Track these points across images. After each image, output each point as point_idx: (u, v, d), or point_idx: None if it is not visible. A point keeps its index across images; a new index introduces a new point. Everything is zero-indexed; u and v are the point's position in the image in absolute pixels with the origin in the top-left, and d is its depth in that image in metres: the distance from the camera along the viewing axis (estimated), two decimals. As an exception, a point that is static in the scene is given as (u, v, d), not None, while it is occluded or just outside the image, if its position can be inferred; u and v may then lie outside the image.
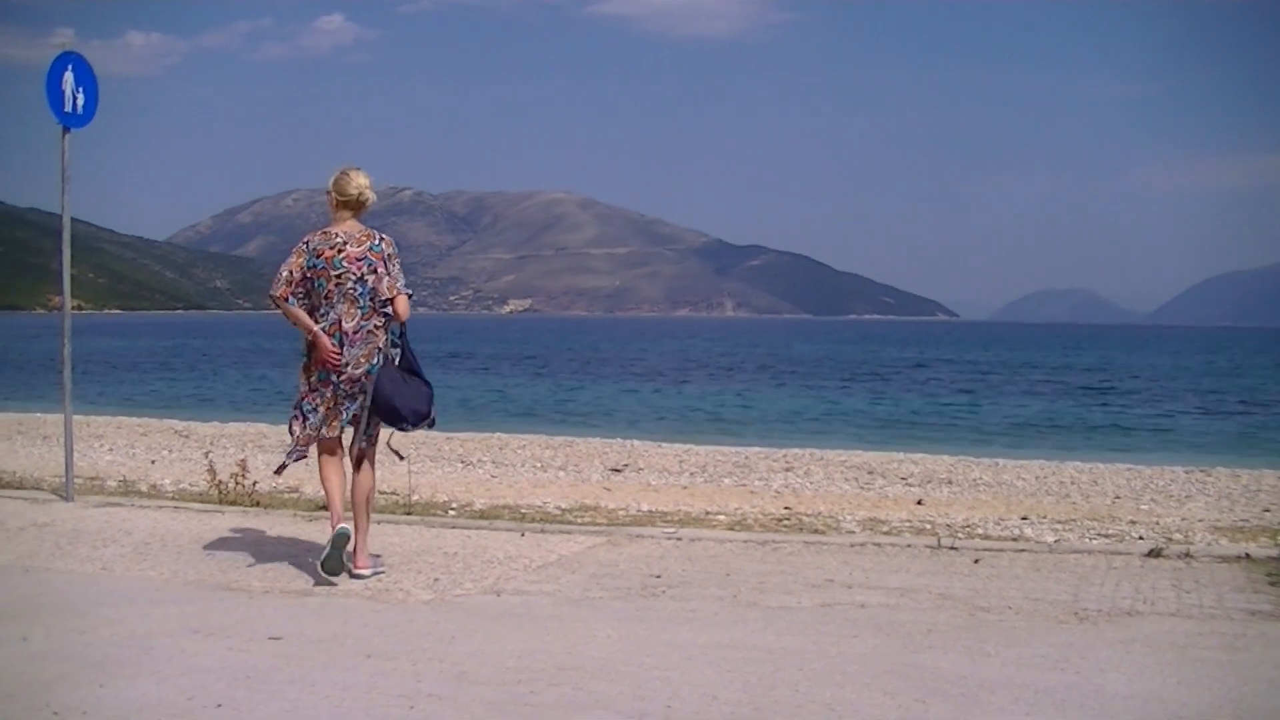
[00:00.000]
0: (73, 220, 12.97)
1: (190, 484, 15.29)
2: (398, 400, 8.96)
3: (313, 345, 8.97)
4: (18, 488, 14.16)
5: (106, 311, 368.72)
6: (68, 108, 12.71)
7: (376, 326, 9.01)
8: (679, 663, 6.79)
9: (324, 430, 9.08)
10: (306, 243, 9.09)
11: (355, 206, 9.21)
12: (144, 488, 14.98)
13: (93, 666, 6.69)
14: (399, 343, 9.10)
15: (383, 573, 9.12)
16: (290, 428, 9.24)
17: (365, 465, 9.21)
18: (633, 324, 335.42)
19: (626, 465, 20.70)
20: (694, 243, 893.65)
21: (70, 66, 12.77)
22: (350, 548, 8.94)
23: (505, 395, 49.16)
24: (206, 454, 12.82)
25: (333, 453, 9.23)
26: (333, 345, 8.88)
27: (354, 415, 9.09)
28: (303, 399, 9.12)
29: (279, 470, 9.58)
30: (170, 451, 21.87)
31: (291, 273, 8.95)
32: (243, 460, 12.03)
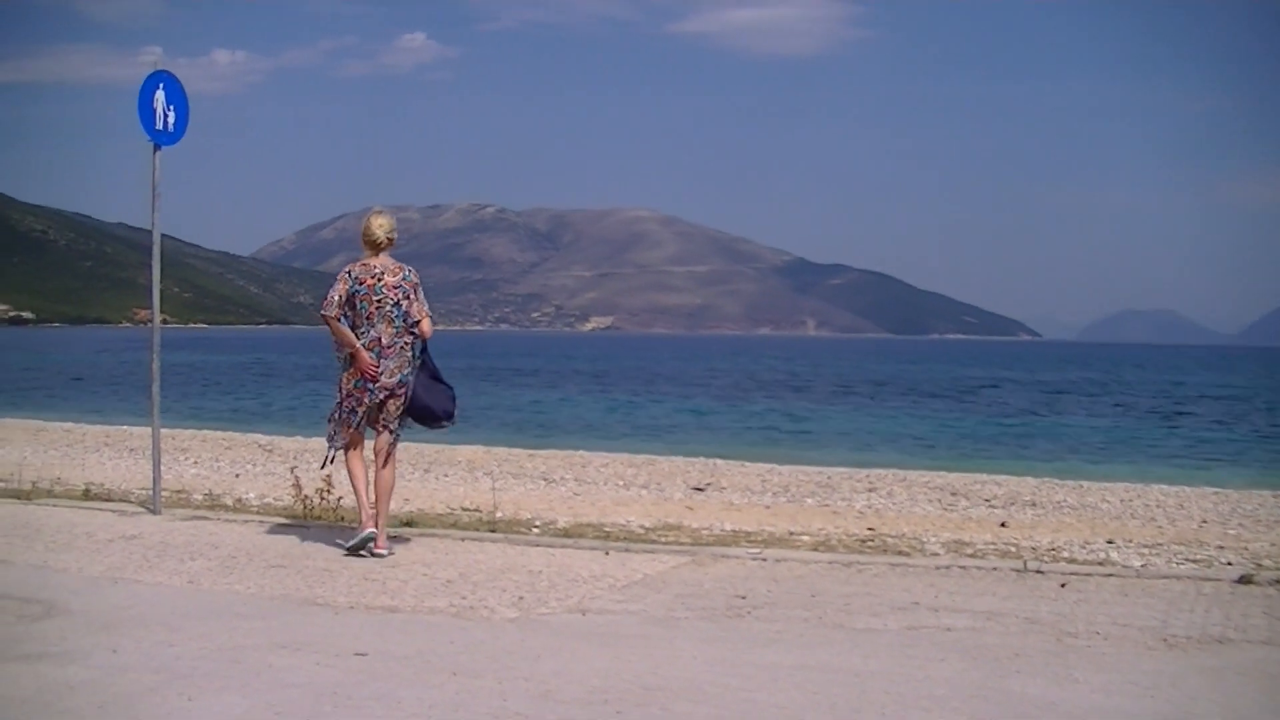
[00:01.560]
0: (161, 236, 13.09)
1: (275, 498, 15.36)
2: (432, 402, 10.82)
3: (353, 358, 10.65)
4: (106, 500, 14.29)
5: (192, 325, 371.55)
6: (159, 125, 12.84)
7: (407, 343, 10.79)
8: (765, 684, 6.77)
9: (361, 430, 10.81)
10: (349, 272, 10.80)
11: (382, 245, 10.93)
12: (229, 502, 15.06)
13: (181, 679, 6.74)
14: (423, 356, 10.87)
15: (394, 553, 10.63)
16: (329, 426, 10.95)
17: (390, 462, 10.84)
18: (714, 342, 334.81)
19: (709, 484, 20.64)
20: (775, 261, 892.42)
21: (161, 85, 12.91)
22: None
23: (583, 412, 49.16)
24: (292, 469, 12.88)
25: (358, 449, 10.88)
26: (371, 359, 10.61)
27: (383, 416, 10.79)
28: (341, 402, 10.82)
29: (324, 465, 11.46)
30: (254, 466, 21.98)
31: (339, 296, 10.67)
32: (328, 476, 12.06)
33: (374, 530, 10.55)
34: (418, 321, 10.82)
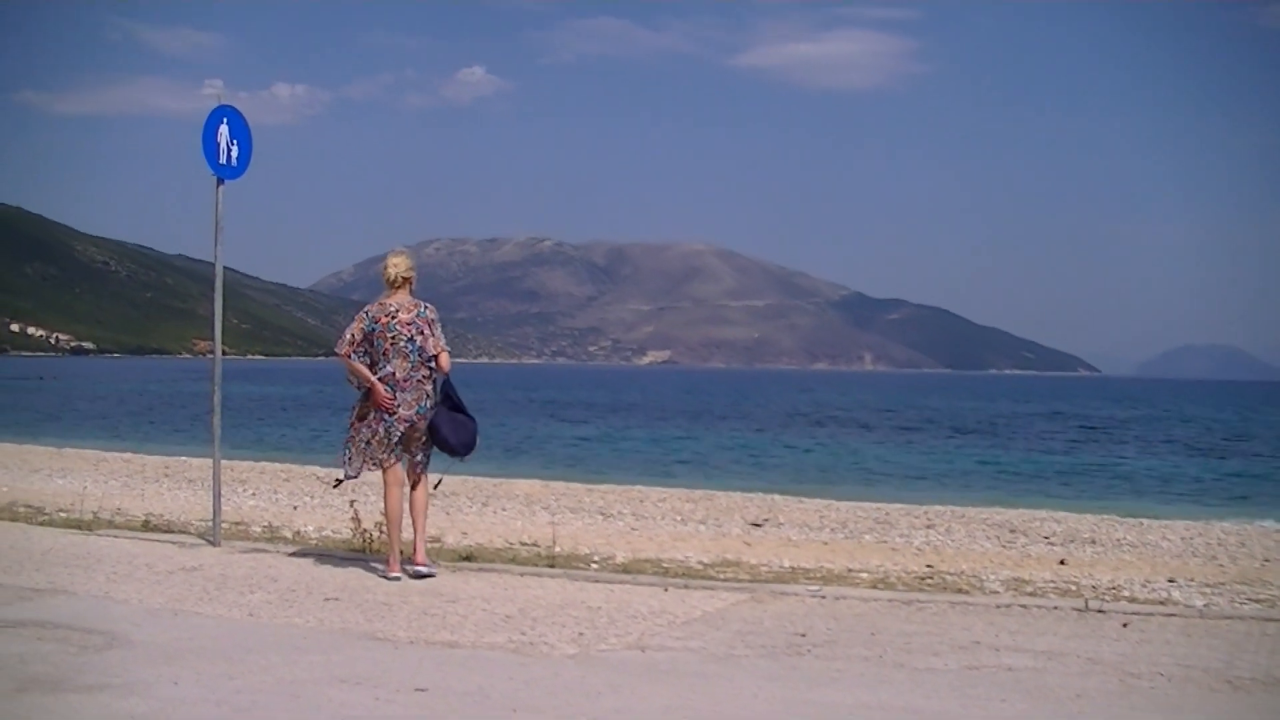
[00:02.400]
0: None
1: (333, 531, 15.41)
2: (450, 435, 11.22)
3: (370, 392, 11.16)
4: (166, 531, 14.37)
5: (249, 357, 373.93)
6: (222, 159, 12.93)
7: (424, 377, 11.26)
8: (826, 723, 6.74)
9: (385, 460, 11.28)
10: (366, 312, 11.40)
11: (397, 284, 11.42)
12: (288, 534, 15.11)
13: (242, 713, 6.76)
14: (446, 388, 11.31)
15: (435, 573, 11.27)
16: (344, 454, 11.52)
17: (421, 485, 11.39)
18: (771, 376, 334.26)
19: (767, 520, 20.60)
20: (833, 295, 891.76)
21: (225, 119, 13.01)
22: (412, 549, 11.28)
23: (641, 446, 49.13)
24: (351, 502, 12.92)
25: (397, 482, 11.32)
26: (386, 392, 11.11)
27: (407, 447, 11.27)
28: (355, 432, 11.39)
29: (337, 484, 12.30)
30: (311, 498, 22.04)
31: (354, 335, 11.28)
32: (381, 510, 12.08)
33: (399, 575, 11.12)
34: (435, 356, 11.28)
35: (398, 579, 11.04)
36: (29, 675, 7.40)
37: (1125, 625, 9.55)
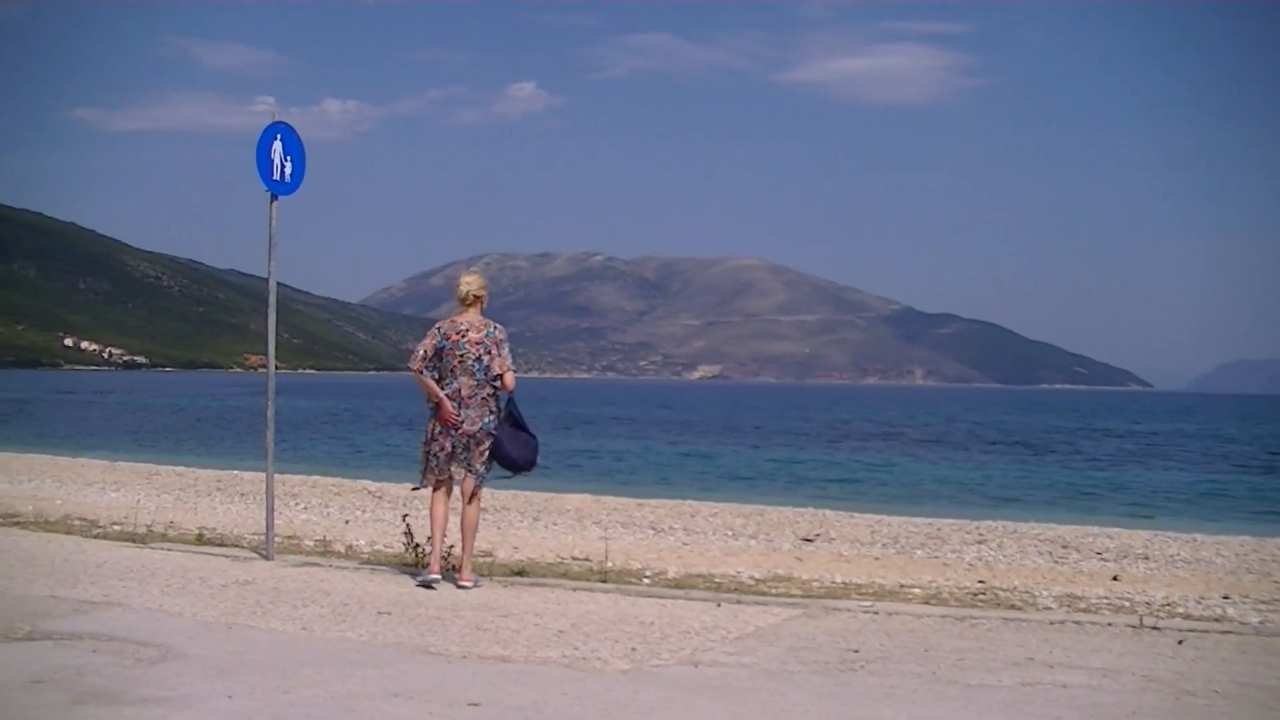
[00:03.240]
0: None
1: (385, 545, 15.44)
2: (513, 451, 11.49)
3: (438, 407, 11.47)
4: (219, 545, 14.43)
5: (301, 371, 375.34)
6: (276, 176, 12.99)
7: (488, 395, 11.56)
8: (880, 740, 6.71)
9: (446, 474, 11.56)
10: (439, 328, 11.69)
11: (469, 302, 11.70)
12: (340, 548, 15.15)
13: (296, 727, 6.77)
14: (510, 406, 11.59)
15: (480, 586, 11.57)
16: (421, 465, 11.73)
17: (474, 501, 11.64)
18: (821, 391, 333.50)
19: (818, 535, 20.55)
20: (883, 310, 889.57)
21: (279, 136, 13.05)
22: (457, 565, 11.69)
23: (690, 461, 49.08)
24: (404, 516, 12.95)
25: (444, 490, 11.65)
26: (452, 408, 11.41)
27: (468, 461, 11.52)
28: (427, 446, 11.64)
29: (414, 490, 12.33)
30: (363, 512, 22.09)
31: (426, 351, 11.56)
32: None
33: (437, 576, 11.52)
34: (500, 375, 11.55)
35: (435, 582, 11.44)
36: (85, 688, 7.43)
37: (1180, 642, 9.50)
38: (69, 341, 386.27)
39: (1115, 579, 15.88)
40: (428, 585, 11.45)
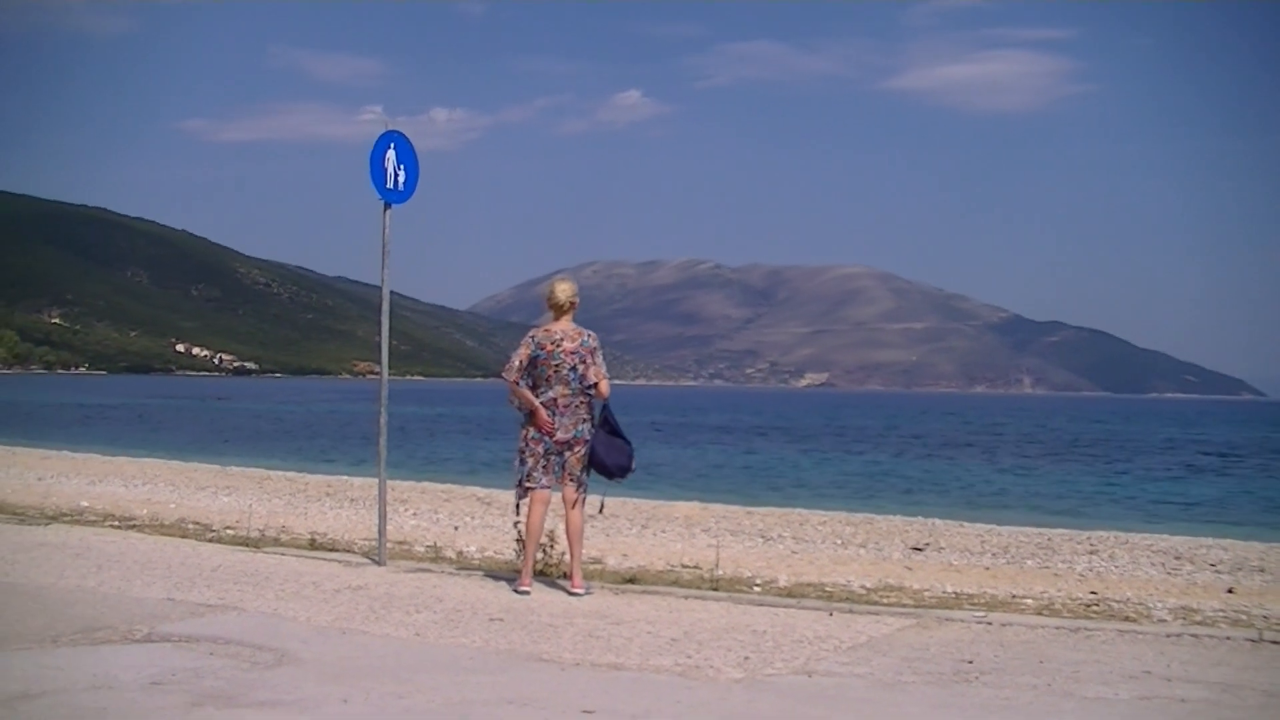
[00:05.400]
0: (379, 290, 13.30)
1: (495, 551, 15.49)
2: (606, 458, 11.52)
3: (533, 415, 11.50)
4: (331, 550, 14.55)
5: (409, 377, 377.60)
6: (389, 184, 13.08)
7: (582, 402, 11.56)
8: (997, 752, 6.65)
9: (542, 482, 11.58)
10: (533, 337, 11.70)
11: (564, 309, 11.69)
12: (451, 554, 15.21)
13: (411, 733, 6.79)
14: (605, 413, 11.62)
15: (591, 593, 11.57)
16: (516, 475, 11.78)
17: (577, 508, 11.61)
18: (929, 399, 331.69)
19: (927, 544, 20.46)
20: (991, 318, 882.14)
21: (392, 145, 13.14)
22: (568, 573, 11.78)
23: (798, 469, 48.97)
24: (515, 523, 12.98)
25: (543, 501, 11.62)
26: (547, 417, 11.45)
27: (564, 469, 11.55)
28: (522, 453, 11.68)
29: (517, 509, 11.92)
30: (472, 518, 22.19)
31: (521, 361, 11.57)
32: (551, 531, 12.14)
33: (528, 588, 11.56)
34: (594, 384, 11.57)
35: (526, 593, 11.46)
36: (203, 690, 7.50)
37: (1303, 657, 9.35)
38: (180, 347, 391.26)
39: (1230, 591, 15.67)
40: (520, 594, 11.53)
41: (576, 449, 11.52)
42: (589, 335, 11.70)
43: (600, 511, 12.01)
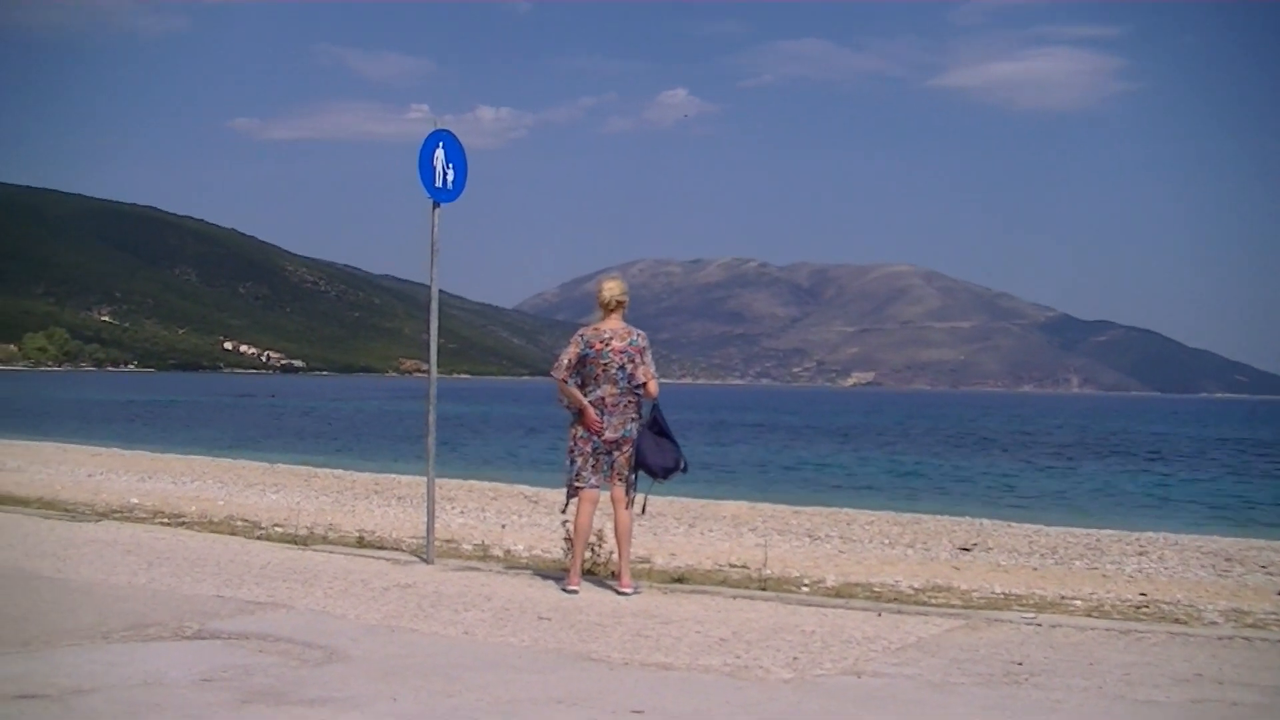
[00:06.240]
0: (426, 289, 13.32)
1: (543, 550, 15.51)
2: (653, 458, 11.46)
3: (581, 414, 11.51)
4: (379, 548, 14.59)
5: (455, 376, 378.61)
6: (438, 183, 13.09)
7: (631, 401, 11.57)
8: (1048, 755, 6.61)
9: (590, 482, 11.59)
10: (581, 335, 11.69)
11: (612, 308, 11.71)
12: (499, 552, 15.24)
13: (462, 732, 6.79)
14: (654, 413, 11.63)
15: (640, 592, 11.55)
16: (565, 474, 11.79)
17: (626, 507, 11.60)
18: (976, 399, 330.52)
19: (975, 544, 20.41)
20: (1038, 317, 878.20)
21: (441, 144, 13.15)
22: (617, 572, 11.78)
23: (845, 467, 48.90)
24: (564, 523, 12.97)
25: (591, 500, 11.65)
26: (596, 416, 11.46)
27: (612, 468, 11.54)
28: (571, 452, 11.69)
29: (564, 509, 11.99)
30: (520, 516, 22.24)
31: (570, 360, 11.56)
32: (599, 530, 12.14)
33: (576, 587, 11.55)
34: (643, 383, 11.57)
35: (574, 592, 11.44)
36: (253, 687, 7.53)
37: (1357, 661, 9.28)
38: (228, 345, 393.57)
39: (1281, 594, 15.58)
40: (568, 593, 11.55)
41: (625, 448, 11.52)
42: (638, 334, 11.68)
43: (642, 512, 11.87)
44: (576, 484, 11.62)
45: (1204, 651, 9.49)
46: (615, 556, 11.78)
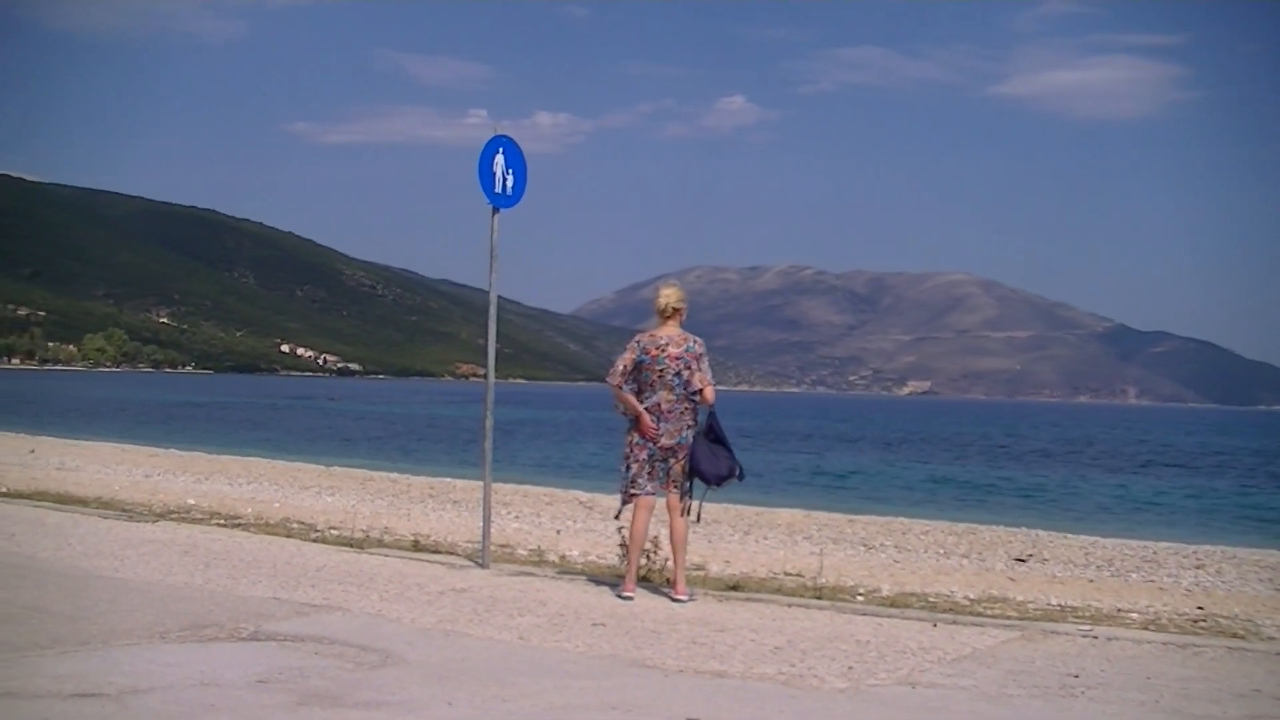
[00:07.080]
0: (483, 293, 13.35)
1: (598, 556, 15.52)
2: (704, 465, 11.41)
3: (637, 420, 11.47)
4: (434, 552, 14.62)
5: (511, 380, 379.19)
6: (498, 189, 13.09)
7: (686, 408, 11.50)
8: (1104, 769, 6.58)
9: (646, 488, 11.54)
10: (638, 341, 11.63)
11: (669, 315, 11.66)
12: (553, 558, 15.26)
13: (516, 736, 6.80)
14: (710, 420, 11.52)
15: (695, 599, 11.51)
16: (621, 480, 11.75)
17: (679, 514, 11.53)
18: (1033, 409, 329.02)
19: (1031, 555, 20.32)
20: (1095, 327, 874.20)
21: (501, 149, 13.16)
22: (671, 579, 11.71)
23: (901, 477, 48.77)
24: (620, 529, 12.96)
25: (647, 507, 11.59)
26: (651, 422, 11.40)
27: (668, 474, 11.48)
28: (626, 458, 11.64)
29: (618, 515, 12.17)
30: (574, 522, 22.26)
31: (626, 366, 11.53)
32: (655, 537, 12.13)
33: (631, 594, 11.53)
34: (699, 390, 11.49)
35: (630, 599, 11.42)
36: (309, 689, 7.56)
37: None
38: (285, 348, 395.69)
39: (1341, 609, 15.44)
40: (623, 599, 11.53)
41: (681, 455, 11.47)
42: (694, 341, 11.60)
43: (697, 519, 11.74)
44: (632, 490, 11.58)
45: (1262, 667, 9.43)
46: (670, 563, 11.75)
